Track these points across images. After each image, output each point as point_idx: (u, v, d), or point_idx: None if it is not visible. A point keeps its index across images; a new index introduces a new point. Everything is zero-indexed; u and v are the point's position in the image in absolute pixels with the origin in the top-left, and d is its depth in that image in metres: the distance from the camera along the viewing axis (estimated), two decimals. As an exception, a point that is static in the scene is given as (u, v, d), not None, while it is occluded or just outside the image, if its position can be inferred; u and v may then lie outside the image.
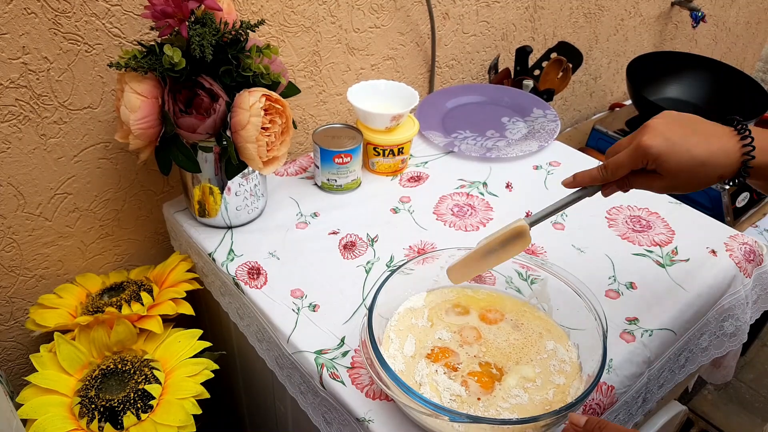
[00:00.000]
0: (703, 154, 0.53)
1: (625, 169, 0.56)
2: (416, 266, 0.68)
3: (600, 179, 0.58)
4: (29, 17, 0.68)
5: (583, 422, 0.50)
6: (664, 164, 0.54)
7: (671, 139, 0.53)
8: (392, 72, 1.10)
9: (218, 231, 0.83)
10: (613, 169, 0.57)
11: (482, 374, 0.61)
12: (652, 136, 0.54)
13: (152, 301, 0.78)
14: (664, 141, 0.54)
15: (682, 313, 0.73)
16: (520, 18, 1.26)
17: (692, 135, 0.54)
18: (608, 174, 0.57)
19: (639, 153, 0.55)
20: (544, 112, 1.09)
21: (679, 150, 0.53)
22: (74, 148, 0.79)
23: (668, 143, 0.53)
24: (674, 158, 0.53)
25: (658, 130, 0.54)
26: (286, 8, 0.88)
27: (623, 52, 1.60)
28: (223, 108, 0.69)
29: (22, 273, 0.83)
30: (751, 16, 1.98)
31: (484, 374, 0.61)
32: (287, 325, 0.69)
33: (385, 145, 0.91)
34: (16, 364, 0.89)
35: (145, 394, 0.69)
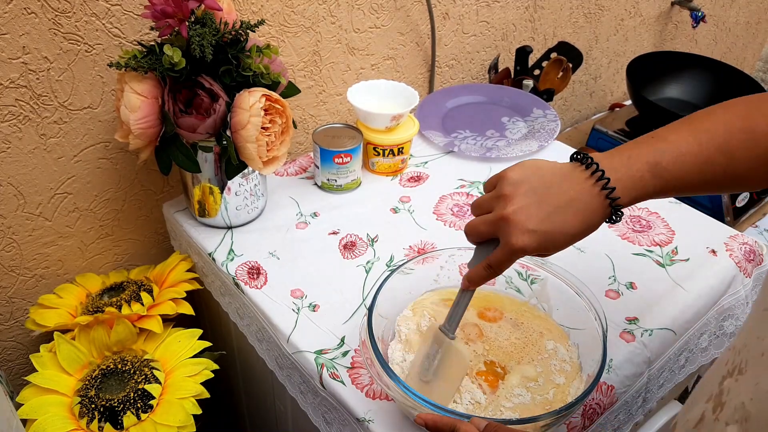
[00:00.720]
0: (578, 226, 0.51)
1: (507, 266, 0.54)
2: (416, 266, 0.68)
3: (488, 277, 0.56)
4: (29, 17, 0.68)
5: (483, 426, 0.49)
6: (547, 252, 0.53)
7: (540, 230, 0.51)
8: (392, 72, 1.10)
9: (218, 231, 0.83)
10: (496, 269, 0.55)
11: (488, 373, 0.61)
12: (519, 235, 0.51)
13: (152, 301, 0.78)
14: (535, 237, 0.51)
15: (682, 313, 0.73)
16: (520, 18, 1.26)
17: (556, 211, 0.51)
18: (494, 272, 0.55)
19: (517, 254, 0.53)
20: (544, 112, 1.09)
21: (554, 236, 0.51)
22: (74, 148, 0.79)
23: (540, 236, 0.51)
24: (554, 244, 0.52)
25: (522, 225, 0.51)
26: (286, 8, 0.88)
27: (623, 52, 1.60)
28: (223, 108, 0.69)
29: (22, 273, 0.83)
30: (751, 16, 1.98)
31: (489, 373, 0.61)
32: (287, 325, 0.69)
33: (385, 145, 0.91)
34: (16, 364, 0.89)
35: (145, 394, 0.69)
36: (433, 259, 0.68)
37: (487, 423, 0.50)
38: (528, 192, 0.52)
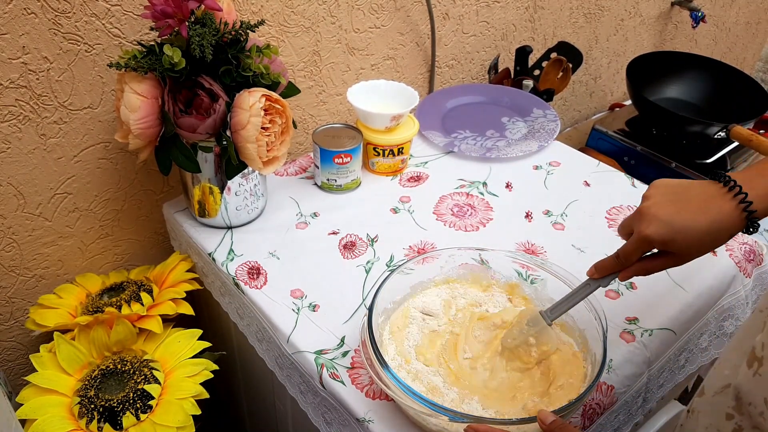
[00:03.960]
0: (705, 224, 0.53)
1: (635, 256, 0.57)
2: (416, 266, 0.68)
3: (615, 267, 0.59)
4: (29, 17, 0.68)
5: (549, 420, 0.51)
6: (671, 246, 0.54)
7: (669, 222, 0.53)
8: (392, 72, 1.10)
9: (218, 231, 0.83)
10: (624, 259, 0.58)
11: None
12: (649, 223, 0.54)
13: (152, 301, 0.78)
14: (663, 226, 0.54)
15: (682, 313, 0.73)
16: (520, 18, 1.26)
17: (687, 209, 0.54)
18: (622, 262, 0.58)
19: (644, 243, 0.55)
20: (544, 112, 1.09)
21: (682, 229, 0.53)
22: (74, 148, 0.79)
23: (668, 227, 0.53)
24: (680, 238, 0.53)
25: (654, 215, 0.54)
26: (286, 8, 0.88)
27: (623, 52, 1.60)
28: (223, 108, 0.69)
29: (22, 273, 0.83)
30: (751, 16, 1.98)
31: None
32: (287, 325, 0.69)
33: (385, 145, 0.91)
34: (16, 364, 0.89)
35: (145, 395, 0.69)
36: (433, 259, 0.69)
37: (554, 419, 0.51)
38: (666, 193, 0.56)
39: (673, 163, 1.25)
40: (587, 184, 0.94)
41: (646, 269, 0.58)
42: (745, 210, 0.52)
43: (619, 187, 0.93)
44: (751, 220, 0.53)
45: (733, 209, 0.53)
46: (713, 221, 0.53)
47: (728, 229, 0.53)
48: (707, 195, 0.54)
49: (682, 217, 0.53)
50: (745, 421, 0.46)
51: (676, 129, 1.28)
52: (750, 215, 0.52)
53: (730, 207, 0.53)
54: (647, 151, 1.29)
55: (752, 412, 0.45)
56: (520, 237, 0.82)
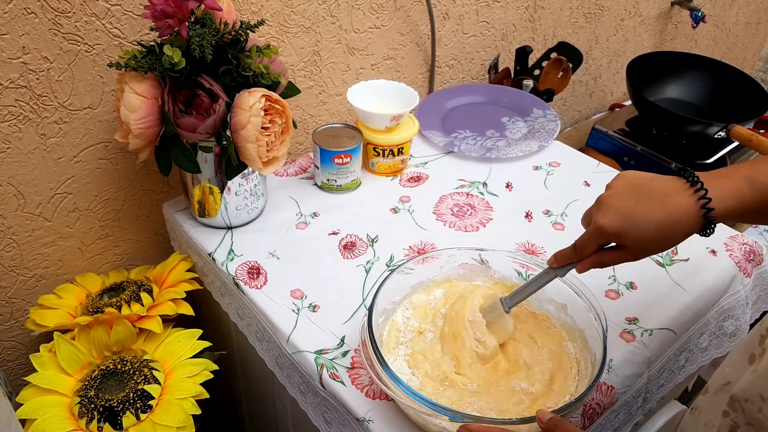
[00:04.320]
0: (660, 218, 0.52)
1: (591, 248, 0.56)
2: (416, 266, 0.68)
3: (572, 257, 0.59)
4: (29, 17, 0.68)
5: (546, 419, 0.50)
6: (625, 238, 0.53)
7: (624, 213, 0.53)
8: (392, 72, 1.10)
9: (218, 231, 0.83)
10: (580, 249, 0.57)
11: None
12: (604, 214, 0.54)
13: (152, 301, 0.78)
14: (617, 217, 0.53)
15: (682, 313, 0.73)
16: (520, 18, 1.26)
17: (646, 201, 0.53)
18: (578, 252, 0.58)
19: (598, 234, 0.55)
20: (544, 112, 1.09)
21: (637, 221, 0.52)
22: (74, 148, 0.79)
23: (622, 218, 0.53)
24: (633, 231, 0.52)
25: (610, 206, 0.54)
26: (286, 8, 0.88)
27: (623, 52, 1.60)
28: (222, 108, 0.69)
29: (22, 273, 0.83)
30: (751, 16, 1.98)
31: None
32: (287, 325, 0.69)
33: (385, 145, 0.91)
34: (16, 364, 0.89)
35: (145, 395, 0.69)
36: (433, 259, 0.68)
37: (551, 417, 0.50)
38: (627, 184, 0.55)
39: (673, 163, 1.25)
40: (587, 184, 0.94)
41: (602, 261, 0.57)
42: (704, 207, 0.51)
43: (619, 187, 0.93)
44: (708, 219, 0.51)
45: (691, 206, 0.51)
46: (668, 216, 0.52)
47: (683, 227, 0.52)
48: (668, 190, 0.53)
49: (637, 210, 0.52)
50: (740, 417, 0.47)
51: (676, 129, 1.28)
52: (707, 213, 0.51)
53: (688, 204, 0.52)
54: (647, 151, 1.29)
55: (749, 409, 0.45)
56: (520, 237, 0.82)
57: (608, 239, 0.55)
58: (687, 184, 0.53)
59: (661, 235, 0.53)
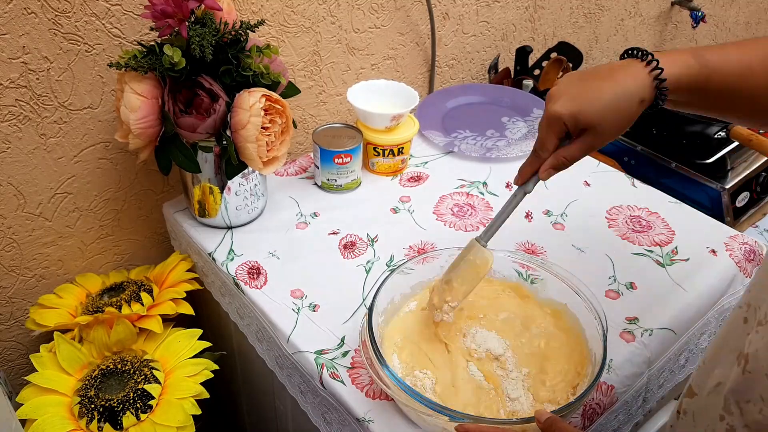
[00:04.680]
0: (612, 90, 0.52)
1: (550, 143, 0.55)
2: (416, 266, 0.68)
3: (535, 163, 0.58)
4: (29, 17, 0.68)
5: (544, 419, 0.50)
6: (581, 118, 0.53)
7: (575, 94, 0.53)
8: (392, 72, 1.10)
9: (218, 231, 0.83)
10: (539, 146, 0.56)
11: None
12: (555, 100, 0.54)
13: (152, 301, 0.78)
14: (569, 99, 0.53)
15: (682, 313, 0.73)
16: (520, 18, 1.26)
17: (595, 80, 0.53)
18: (539, 155, 0.57)
19: (553, 122, 0.54)
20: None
21: (589, 97, 0.52)
22: (74, 148, 0.79)
23: (574, 98, 0.52)
24: (588, 107, 0.52)
25: (560, 93, 0.54)
26: (286, 8, 0.88)
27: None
28: (223, 108, 0.69)
29: (22, 273, 0.83)
30: (751, 16, 1.98)
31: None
32: (287, 325, 0.69)
33: (385, 145, 0.91)
34: (16, 364, 0.89)
35: (145, 394, 0.69)
36: (433, 259, 0.68)
37: (548, 416, 0.50)
38: (574, 74, 0.55)
39: (673, 163, 1.25)
40: (587, 184, 0.94)
41: (563, 157, 0.56)
42: (653, 72, 0.51)
43: (619, 187, 0.93)
44: (660, 83, 0.52)
45: (642, 73, 0.52)
46: (621, 86, 0.52)
47: (637, 95, 0.52)
48: (617, 66, 0.54)
49: (588, 88, 0.52)
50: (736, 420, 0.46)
51: (676, 129, 1.28)
52: (659, 79, 0.51)
53: (638, 71, 0.52)
54: (647, 151, 1.29)
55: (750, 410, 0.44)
56: (520, 237, 0.82)
57: (563, 125, 0.54)
58: (636, 59, 0.53)
59: (615, 107, 0.52)
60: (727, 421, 0.47)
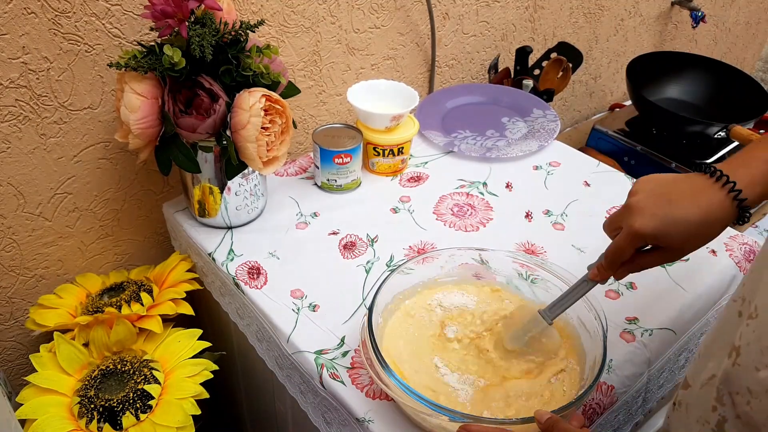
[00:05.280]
0: (697, 216, 0.52)
1: (627, 253, 0.56)
2: (416, 266, 0.68)
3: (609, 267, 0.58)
4: (29, 17, 0.68)
5: (544, 419, 0.51)
6: (664, 240, 0.54)
7: (660, 215, 0.53)
8: (392, 72, 1.10)
9: (218, 231, 0.83)
10: (616, 256, 0.57)
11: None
12: (640, 217, 0.53)
13: (152, 301, 0.78)
14: (653, 219, 0.53)
15: (682, 313, 0.73)
16: (520, 18, 1.26)
17: (678, 201, 0.53)
18: (613, 260, 0.57)
19: (635, 238, 0.54)
20: (544, 112, 1.09)
21: (673, 221, 0.52)
22: (74, 148, 0.79)
23: (660, 220, 0.53)
24: (673, 231, 0.53)
25: (643, 209, 0.54)
26: (286, 8, 0.88)
27: (623, 52, 1.60)
28: (223, 108, 0.69)
29: (22, 273, 0.83)
30: (751, 16, 1.98)
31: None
32: (287, 325, 0.69)
33: (385, 145, 0.91)
34: (16, 364, 0.89)
35: (145, 395, 0.69)
36: (433, 259, 0.68)
37: (549, 416, 0.50)
38: (654, 187, 0.55)
39: (673, 163, 1.25)
40: (587, 184, 0.94)
41: (641, 265, 0.57)
42: (736, 198, 0.52)
43: (619, 187, 0.93)
44: (742, 209, 0.52)
45: (724, 199, 0.52)
46: (706, 212, 0.52)
47: (721, 220, 0.53)
48: (696, 187, 0.53)
49: (673, 210, 0.53)
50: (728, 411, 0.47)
51: (676, 129, 1.28)
52: (741, 203, 0.52)
53: (720, 197, 0.52)
54: (647, 151, 1.29)
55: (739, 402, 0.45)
56: (520, 237, 0.82)
57: (645, 242, 0.55)
58: (711, 179, 0.53)
59: (703, 231, 0.53)
60: (719, 412, 0.48)
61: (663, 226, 0.53)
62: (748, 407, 0.44)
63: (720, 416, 0.48)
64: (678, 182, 0.55)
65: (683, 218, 0.52)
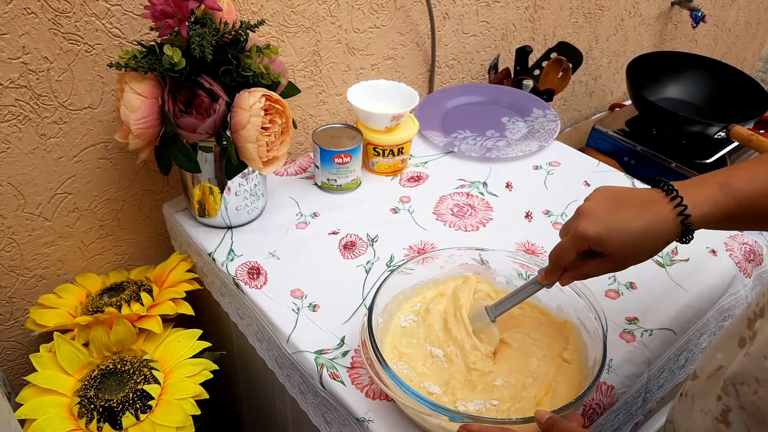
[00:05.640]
0: (640, 225, 0.53)
1: (569, 255, 0.56)
2: (416, 266, 0.68)
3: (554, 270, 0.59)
4: (29, 17, 0.68)
5: (544, 419, 0.51)
6: (606, 245, 0.54)
7: (605, 220, 0.53)
8: (392, 72, 1.10)
9: (218, 231, 0.83)
10: (560, 255, 0.57)
11: None
12: (586, 220, 0.54)
13: (152, 301, 0.78)
14: (598, 223, 0.54)
15: (682, 313, 0.73)
16: (520, 18, 1.26)
17: (625, 209, 0.54)
18: (556, 260, 0.58)
19: (578, 240, 0.55)
20: (544, 112, 1.09)
21: (617, 227, 0.53)
22: (74, 148, 0.79)
23: (603, 224, 0.53)
24: (615, 236, 0.53)
25: (591, 213, 0.54)
26: (286, 8, 0.88)
27: (623, 52, 1.60)
28: (223, 108, 0.69)
29: (22, 273, 0.83)
30: (751, 16, 1.98)
31: None
32: (287, 325, 0.69)
33: (385, 145, 0.91)
34: (16, 364, 0.89)
35: (144, 395, 0.69)
36: (433, 259, 0.68)
37: (549, 416, 0.51)
38: (606, 196, 0.56)
39: (673, 163, 1.25)
40: (587, 184, 0.94)
41: (585, 272, 0.57)
42: (680, 215, 0.52)
43: (619, 187, 0.93)
44: (685, 225, 0.53)
45: (669, 214, 0.53)
46: (650, 224, 0.53)
47: (663, 234, 0.53)
48: (646, 199, 0.54)
49: (618, 216, 0.53)
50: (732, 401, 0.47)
51: (676, 129, 1.28)
52: (685, 220, 0.52)
53: (666, 211, 0.53)
54: (647, 151, 1.29)
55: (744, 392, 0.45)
56: (520, 237, 0.82)
57: (588, 245, 0.55)
58: (662, 194, 0.54)
59: (642, 243, 0.54)
60: (723, 402, 0.48)
61: (606, 232, 0.53)
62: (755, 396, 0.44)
63: (724, 406, 0.48)
64: (631, 193, 0.56)
65: (626, 226, 0.53)
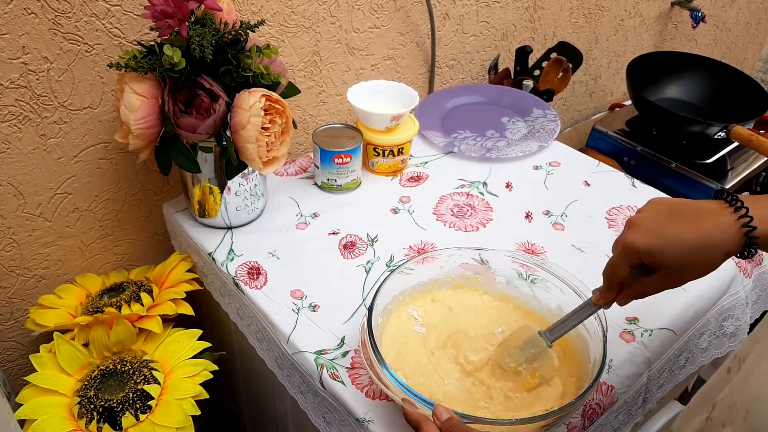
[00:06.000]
0: (694, 236, 0.49)
1: (622, 270, 0.53)
2: (416, 266, 0.68)
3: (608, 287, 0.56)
4: (29, 17, 0.68)
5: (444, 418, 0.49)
6: (657, 257, 0.50)
7: (656, 231, 0.50)
8: (392, 72, 1.10)
9: (218, 231, 0.83)
10: (611, 271, 0.54)
11: None
12: (635, 231, 0.51)
13: (152, 302, 0.78)
14: (648, 234, 0.50)
15: (682, 313, 0.73)
16: (520, 18, 1.26)
17: (680, 220, 0.50)
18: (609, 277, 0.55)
19: (628, 252, 0.52)
20: (544, 112, 1.09)
21: (669, 239, 0.49)
22: (74, 148, 0.79)
23: (654, 235, 0.50)
24: (667, 249, 0.50)
25: (640, 224, 0.51)
26: (286, 8, 0.88)
27: (623, 52, 1.60)
28: (223, 108, 0.69)
29: (22, 273, 0.83)
30: (751, 16, 1.98)
31: None
32: (287, 325, 0.69)
33: (385, 146, 0.91)
34: (16, 364, 0.89)
35: (144, 395, 0.69)
36: (433, 259, 0.68)
37: (449, 416, 0.49)
38: (661, 207, 0.52)
39: (673, 163, 1.25)
40: (587, 184, 0.94)
41: (641, 290, 0.54)
42: (745, 226, 0.48)
43: (619, 188, 0.93)
44: (750, 238, 0.48)
45: (731, 225, 0.49)
46: (705, 234, 0.49)
47: (723, 247, 0.49)
48: (704, 210, 0.50)
49: (669, 227, 0.50)
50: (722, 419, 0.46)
51: (676, 129, 1.28)
52: (750, 232, 0.48)
53: (727, 222, 0.49)
54: (647, 151, 1.29)
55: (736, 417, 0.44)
56: (520, 237, 0.82)
57: (638, 258, 0.52)
58: (725, 204, 0.50)
59: (698, 255, 0.49)
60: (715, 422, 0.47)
61: (656, 243, 0.50)
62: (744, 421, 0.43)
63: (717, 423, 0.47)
64: (686, 204, 0.52)
65: (679, 237, 0.49)
